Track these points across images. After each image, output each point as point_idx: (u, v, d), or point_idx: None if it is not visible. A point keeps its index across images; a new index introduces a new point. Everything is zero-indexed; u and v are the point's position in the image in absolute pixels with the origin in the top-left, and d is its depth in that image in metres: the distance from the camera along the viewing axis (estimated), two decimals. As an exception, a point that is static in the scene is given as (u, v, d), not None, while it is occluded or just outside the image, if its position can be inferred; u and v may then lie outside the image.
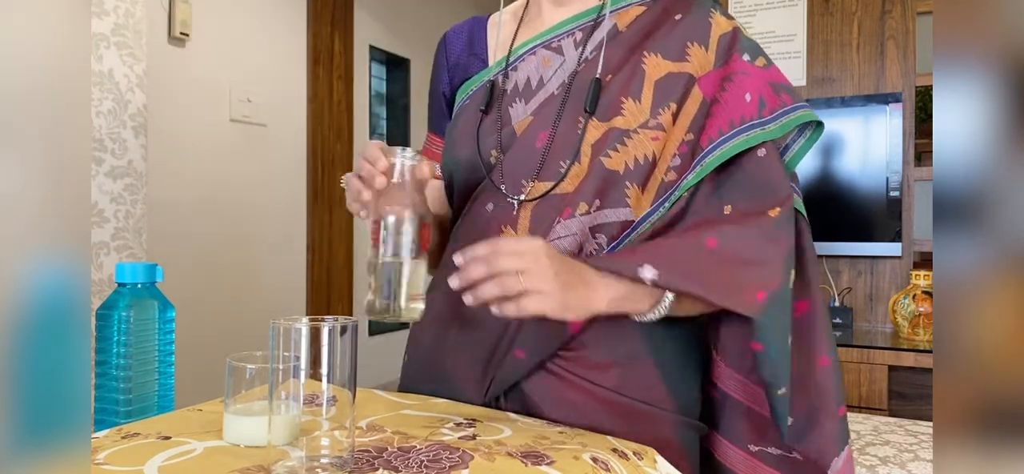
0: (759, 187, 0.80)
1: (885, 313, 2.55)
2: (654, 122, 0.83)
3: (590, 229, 0.83)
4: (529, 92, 0.90)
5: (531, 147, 0.86)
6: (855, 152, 2.52)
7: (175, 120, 2.54)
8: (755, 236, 0.78)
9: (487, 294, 0.68)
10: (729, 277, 0.76)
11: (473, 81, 0.96)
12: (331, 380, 0.60)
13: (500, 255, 0.69)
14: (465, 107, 0.95)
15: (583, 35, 0.89)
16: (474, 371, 0.86)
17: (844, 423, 0.83)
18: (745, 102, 0.82)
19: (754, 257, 0.77)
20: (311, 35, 3.12)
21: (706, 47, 0.85)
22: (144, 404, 0.87)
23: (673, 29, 0.86)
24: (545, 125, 0.86)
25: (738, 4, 2.77)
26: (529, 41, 0.92)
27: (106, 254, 1.95)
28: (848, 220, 2.53)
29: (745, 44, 0.86)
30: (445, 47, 1.02)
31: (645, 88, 0.84)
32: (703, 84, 0.84)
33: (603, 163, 0.83)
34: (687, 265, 0.75)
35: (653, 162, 0.83)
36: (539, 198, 0.84)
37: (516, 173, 0.86)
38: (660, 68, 0.85)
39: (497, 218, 0.86)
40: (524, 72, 0.91)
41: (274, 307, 2.94)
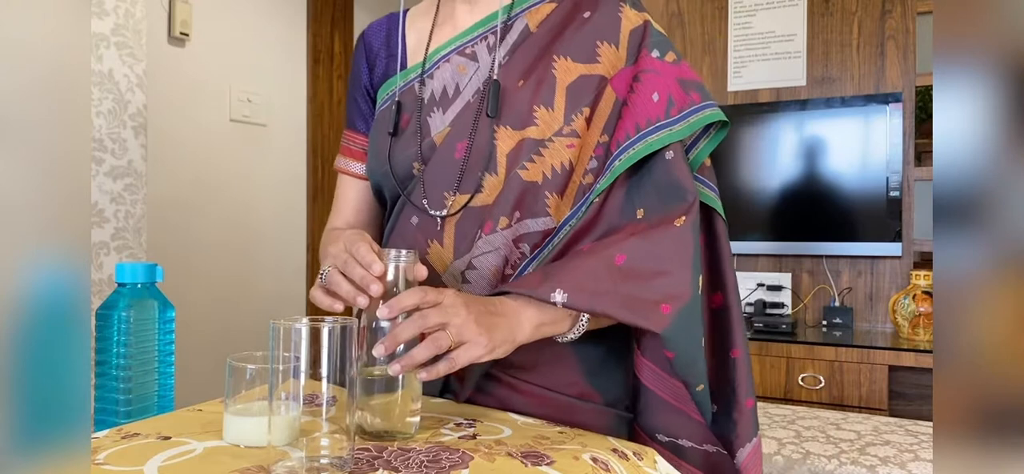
0: (667, 189, 0.81)
1: (885, 313, 2.55)
2: (568, 129, 0.83)
3: (513, 241, 0.84)
4: (446, 101, 0.89)
5: (450, 159, 0.86)
6: (855, 152, 2.52)
7: (175, 120, 2.54)
8: (661, 249, 0.78)
9: (421, 357, 0.68)
10: (636, 294, 0.76)
11: (390, 84, 0.94)
12: (331, 380, 0.60)
13: (426, 314, 0.68)
14: (379, 118, 0.94)
15: (495, 39, 0.89)
16: None
17: (753, 414, 0.85)
18: (652, 102, 0.83)
19: (660, 269, 0.77)
20: (311, 35, 3.12)
21: (616, 45, 0.85)
22: (144, 404, 0.87)
23: (582, 27, 0.86)
24: (462, 135, 0.86)
25: (738, 4, 2.77)
26: (443, 46, 0.92)
27: (106, 254, 1.95)
28: (848, 220, 2.53)
29: (655, 39, 0.85)
30: (365, 42, 1.00)
31: (557, 94, 0.84)
32: (615, 83, 0.84)
33: (520, 175, 0.83)
34: (595, 285, 0.76)
35: (570, 169, 0.83)
36: (460, 211, 0.85)
37: (437, 185, 0.86)
38: (571, 72, 0.84)
39: (422, 231, 0.87)
40: (440, 80, 0.90)
41: (274, 307, 2.94)
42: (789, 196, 2.61)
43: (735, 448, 0.85)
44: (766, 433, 1.60)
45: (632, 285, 0.76)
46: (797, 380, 2.29)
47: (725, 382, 0.86)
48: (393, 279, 0.73)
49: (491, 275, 0.85)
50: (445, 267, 0.86)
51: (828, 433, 1.61)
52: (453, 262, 0.86)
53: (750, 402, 0.85)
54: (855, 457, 1.45)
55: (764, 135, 2.64)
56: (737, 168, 2.66)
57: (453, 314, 0.69)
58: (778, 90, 2.71)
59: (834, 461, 1.44)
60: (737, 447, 0.85)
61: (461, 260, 0.85)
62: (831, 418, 1.75)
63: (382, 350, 0.67)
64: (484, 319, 0.71)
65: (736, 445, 0.85)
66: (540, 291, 0.75)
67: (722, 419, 0.86)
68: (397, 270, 0.73)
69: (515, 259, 0.84)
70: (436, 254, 0.87)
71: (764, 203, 2.64)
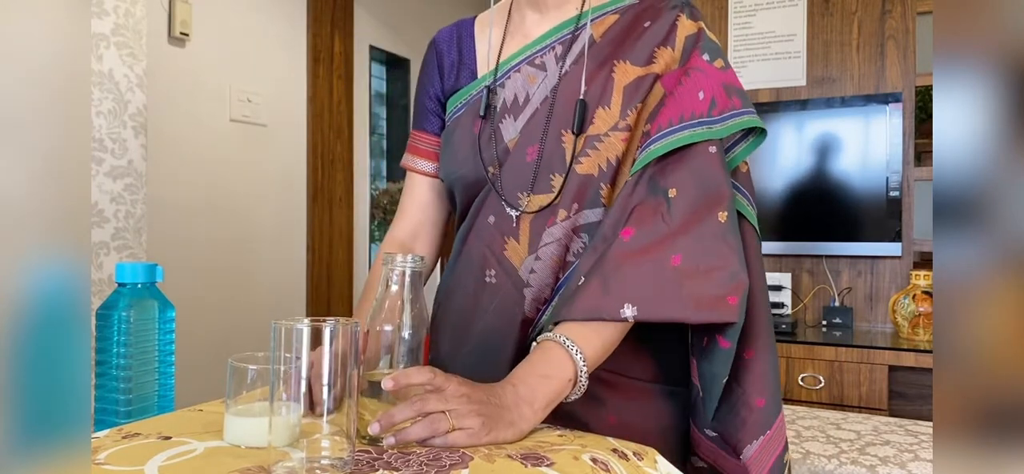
0: (708, 181, 0.84)
1: (885, 313, 2.55)
2: (623, 123, 0.88)
3: (572, 231, 0.89)
4: (517, 109, 0.94)
5: (523, 162, 0.91)
6: (855, 152, 2.52)
7: (175, 120, 2.54)
8: (713, 244, 0.81)
9: (414, 436, 0.68)
10: (702, 292, 0.79)
11: (463, 92, 1.00)
12: (332, 382, 0.60)
13: (426, 399, 0.69)
14: (460, 119, 0.99)
15: (563, 48, 0.94)
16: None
17: (763, 413, 0.86)
18: (698, 99, 0.87)
19: (717, 263, 0.80)
20: (311, 35, 3.12)
21: (673, 48, 0.90)
22: (144, 404, 0.87)
23: (642, 35, 0.91)
24: (533, 140, 0.91)
25: (738, 4, 2.77)
26: (515, 56, 0.96)
27: (106, 254, 1.95)
28: (848, 220, 2.53)
29: (707, 45, 0.90)
30: (437, 49, 1.06)
31: (615, 95, 0.89)
32: (665, 80, 0.89)
33: (577, 170, 0.88)
34: (660, 291, 0.79)
35: (621, 161, 0.88)
36: (539, 211, 0.90)
37: (513, 186, 0.92)
38: (628, 74, 0.89)
39: (499, 229, 0.93)
40: (511, 89, 0.96)
41: (274, 307, 2.94)
42: (789, 196, 2.61)
43: (742, 446, 0.86)
44: (766, 433, 1.60)
45: (695, 284, 0.79)
46: (797, 380, 2.29)
47: (732, 380, 0.87)
48: (398, 290, 0.73)
49: (553, 263, 0.90)
50: (521, 261, 0.91)
51: (828, 433, 1.61)
52: (527, 256, 0.91)
53: (760, 401, 0.86)
54: (855, 457, 1.45)
55: (764, 135, 2.64)
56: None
57: (454, 402, 0.69)
58: (778, 90, 2.71)
59: (834, 461, 1.44)
60: (743, 444, 0.86)
61: (532, 255, 0.91)
62: (831, 418, 1.75)
63: (378, 428, 0.67)
64: (485, 409, 0.71)
65: (743, 442, 0.86)
66: (605, 310, 0.78)
67: (727, 416, 0.87)
68: (403, 278, 0.73)
69: (577, 248, 0.90)
70: (512, 249, 0.92)
71: (764, 203, 2.64)
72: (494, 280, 0.93)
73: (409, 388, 0.70)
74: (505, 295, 0.91)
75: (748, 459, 0.85)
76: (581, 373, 0.78)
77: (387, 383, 0.68)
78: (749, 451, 0.85)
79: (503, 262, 0.92)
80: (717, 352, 0.84)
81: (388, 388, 0.68)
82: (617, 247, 0.82)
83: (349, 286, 3.37)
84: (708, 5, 2.83)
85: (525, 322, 0.91)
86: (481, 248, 0.94)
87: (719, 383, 0.85)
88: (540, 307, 0.91)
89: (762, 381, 0.86)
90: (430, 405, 0.69)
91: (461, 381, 0.73)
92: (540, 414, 0.75)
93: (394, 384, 0.68)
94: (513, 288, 0.91)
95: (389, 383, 0.68)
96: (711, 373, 0.85)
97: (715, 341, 0.84)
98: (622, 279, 0.79)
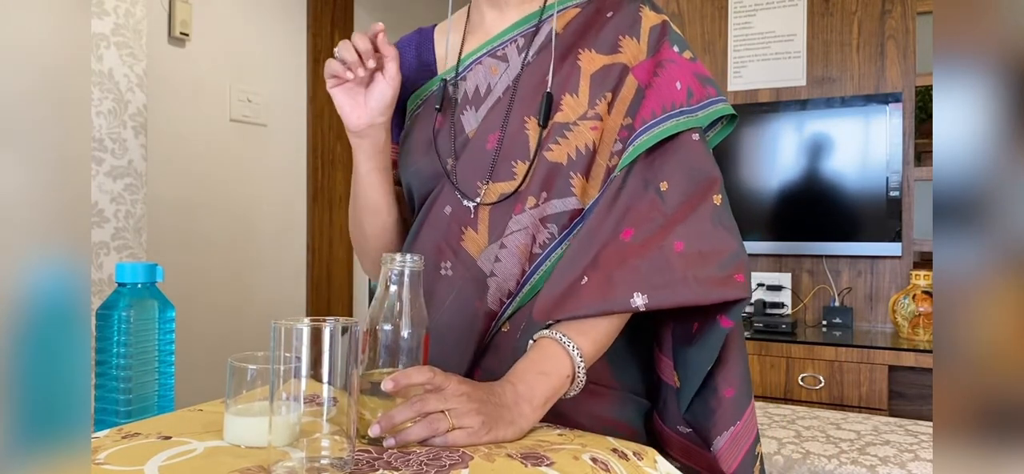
0: (696, 169, 0.85)
1: (885, 313, 2.55)
2: (592, 112, 0.88)
3: (540, 220, 0.88)
4: (478, 99, 0.94)
5: (482, 150, 0.90)
6: (855, 152, 2.52)
7: (175, 120, 2.54)
8: (712, 226, 0.82)
9: (414, 436, 0.68)
10: (710, 274, 0.80)
11: (423, 90, 1.00)
12: (332, 381, 0.60)
13: (426, 400, 0.69)
14: (419, 115, 0.99)
15: (525, 41, 0.94)
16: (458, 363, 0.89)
17: (733, 404, 0.86)
18: (676, 89, 0.88)
19: (720, 245, 0.82)
20: (311, 35, 3.12)
21: (637, 39, 0.91)
22: (144, 404, 0.87)
23: (605, 26, 0.91)
24: (494, 128, 0.91)
25: (738, 4, 2.77)
26: (476, 50, 0.96)
27: (106, 254, 1.95)
28: (848, 220, 2.53)
29: (674, 36, 0.92)
30: None
31: (582, 82, 0.89)
32: (637, 72, 0.90)
33: (546, 157, 0.87)
34: (668, 278, 0.79)
35: (594, 150, 0.88)
36: (498, 201, 0.89)
37: (470, 176, 0.91)
38: (595, 62, 0.90)
39: (456, 219, 0.91)
40: (473, 81, 0.95)
41: (274, 307, 2.94)
42: (789, 196, 2.61)
43: (712, 436, 0.86)
44: (765, 433, 1.60)
45: (702, 268, 0.80)
46: (797, 380, 2.29)
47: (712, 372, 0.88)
48: (397, 290, 0.73)
49: (520, 253, 0.88)
50: (479, 251, 0.90)
51: (828, 433, 1.61)
52: (487, 246, 0.90)
53: (729, 392, 0.86)
54: (855, 457, 1.45)
55: (764, 135, 2.64)
56: (737, 168, 2.66)
57: (454, 402, 0.69)
58: (778, 90, 2.71)
59: (834, 461, 1.44)
60: (714, 435, 0.86)
61: (495, 243, 0.89)
62: (831, 418, 1.75)
63: (378, 430, 0.67)
64: (485, 408, 0.71)
65: (713, 433, 0.86)
66: (614, 302, 0.78)
67: (698, 408, 0.88)
68: (402, 277, 0.73)
69: (543, 238, 0.88)
70: (471, 239, 0.90)
71: (764, 203, 2.64)
72: (450, 272, 0.91)
73: (409, 388, 0.70)
74: (462, 288, 0.89)
75: (719, 450, 0.85)
76: (579, 369, 0.78)
77: (387, 384, 0.68)
78: (719, 442, 0.85)
79: (460, 253, 0.90)
80: (713, 333, 0.83)
81: (388, 389, 0.68)
82: (618, 246, 0.82)
83: (349, 286, 3.37)
84: (708, 5, 2.83)
85: (489, 315, 0.88)
86: (435, 240, 0.91)
87: (704, 370, 0.85)
88: (504, 300, 0.89)
89: (731, 372, 0.86)
90: (430, 405, 0.69)
91: (461, 380, 0.73)
92: (539, 412, 0.75)
93: (394, 384, 0.68)
94: (472, 281, 0.89)
95: (389, 384, 0.68)
96: (698, 360, 0.85)
97: (715, 322, 0.83)
98: (628, 271, 0.79)
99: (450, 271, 0.91)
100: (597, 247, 0.83)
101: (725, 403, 0.86)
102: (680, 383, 0.88)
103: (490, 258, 0.89)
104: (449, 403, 0.69)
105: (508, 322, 0.89)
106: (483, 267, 0.89)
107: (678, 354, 0.89)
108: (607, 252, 0.81)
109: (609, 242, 0.82)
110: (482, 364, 0.90)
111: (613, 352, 0.88)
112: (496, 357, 0.89)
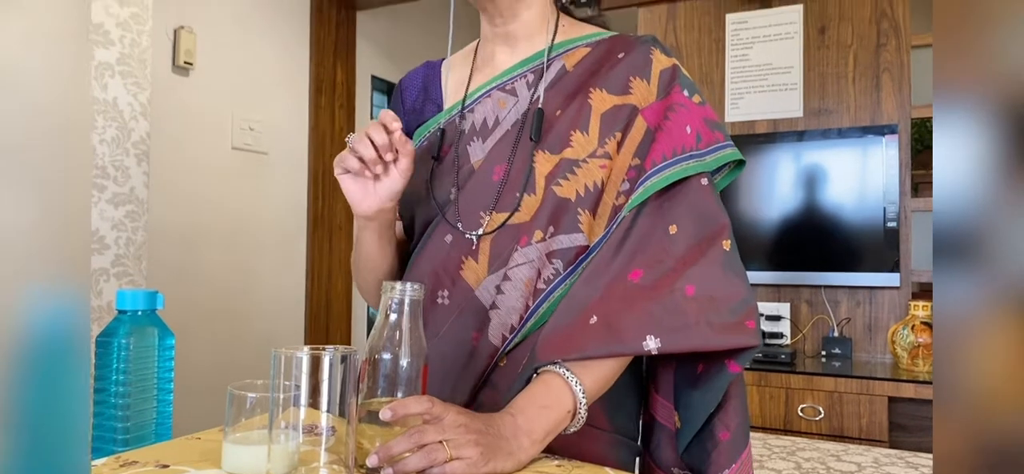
0: (704, 213, 0.86)
1: (884, 344, 2.54)
2: (601, 151, 0.88)
3: (546, 255, 0.87)
4: (486, 131, 0.94)
5: (488, 181, 0.90)
6: (852, 183, 2.54)
7: (177, 148, 2.56)
8: (723, 271, 0.82)
9: (412, 467, 0.67)
10: (722, 319, 0.79)
11: (429, 124, 1.00)
12: (330, 410, 0.60)
13: (424, 430, 0.69)
14: (423, 149, 0.98)
15: (535, 77, 0.95)
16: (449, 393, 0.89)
17: (729, 446, 0.86)
18: (686, 133, 0.88)
19: (730, 291, 0.81)
20: (314, 65, 3.15)
21: (648, 80, 0.91)
22: (142, 432, 0.87)
23: (616, 66, 0.92)
24: (501, 160, 0.91)
25: (735, 37, 2.80)
26: (485, 85, 0.97)
27: (106, 281, 1.95)
28: (846, 250, 2.54)
29: (684, 80, 0.92)
30: (400, 89, 1.06)
31: (592, 121, 0.89)
32: (647, 114, 0.90)
33: (555, 191, 0.87)
34: (681, 322, 0.78)
35: (602, 188, 0.88)
36: (497, 229, 0.88)
37: (473, 206, 0.90)
38: (605, 102, 0.90)
39: (456, 248, 0.90)
40: (480, 113, 0.96)
41: (273, 335, 2.93)
42: (787, 226, 2.62)
43: None
44: (765, 464, 1.59)
45: (714, 312, 0.79)
46: (796, 411, 2.28)
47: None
48: (397, 319, 0.73)
49: (524, 286, 0.88)
50: (478, 281, 0.89)
51: (829, 465, 1.60)
52: (487, 277, 0.89)
53: (725, 435, 0.86)
54: (855, 489, 1.44)
55: (762, 166, 2.66)
56: (735, 199, 2.67)
57: (452, 432, 0.69)
58: (775, 121, 2.73)
59: (834, 493, 1.43)
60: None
61: (496, 274, 0.88)
62: (831, 450, 1.74)
63: (376, 461, 0.67)
64: (484, 439, 0.71)
65: (711, 472, 0.86)
66: (625, 344, 0.77)
67: (694, 449, 0.88)
68: (402, 306, 0.73)
69: (548, 274, 0.88)
70: (470, 269, 0.90)
71: (762, 233, 2.65)
72: (446, 301, 0.90)
73: (408, 417, 0.70)
74: (458, 319, 0.89)
75: None
76: (581, 405, 0.78)
77: (385, 413, 0.68)
78: None
79: (458, 282, 0.89)
80: (720, 377, 0.83)
81: (386, 418, 0.68)
82: (626, 287, 0.81)
83: (348, 314, 3.36)
84: (706, 37, 2.86)
85: (489, 348, 0.88)
86: (432, 268, 0.91)
87: (706, 413, 0.85)
88: (506, 335, 0.88)
89: (730, 414, 0.86)
90: (428, 436, 0.68)
91: (459, 410, 0.72)
92: (539, 445, 0.75)
93: (393, 414, 0.68)
94: (470, 311, 0.88)
95: (388, 413, 0.68)
96: (702, 402, 0.85)
97: (722, 367, 0.83)
98: (639, 313, 0.79)
99: (447, 300, 0.90)
100: (604, 286, 0.82)
101: (722, 445, 0.85)
102: (680, 425, 0.88)
103: (491, 290, 0.89)
104: (447, 433, 0.69)
105: (506, 357, 0.88)
106: (482, 299, 0.89)
107: (680, 396, 0.89)
108: (615, 292, 0.81)
109: (617, 282, 0.82)
110: (479, 399, 0.89)
111: (607, 394, 0.87)
112: (494, 392, 0.88)
